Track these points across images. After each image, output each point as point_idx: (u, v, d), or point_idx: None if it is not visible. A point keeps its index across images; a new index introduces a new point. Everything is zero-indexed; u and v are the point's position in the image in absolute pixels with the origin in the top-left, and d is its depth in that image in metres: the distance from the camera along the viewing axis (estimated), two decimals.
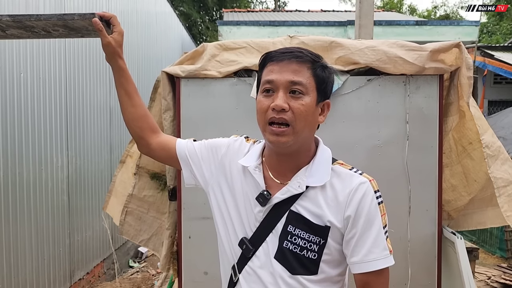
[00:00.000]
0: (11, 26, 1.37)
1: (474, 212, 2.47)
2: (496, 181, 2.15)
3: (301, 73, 1.12)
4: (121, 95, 1.38)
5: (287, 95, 1.11)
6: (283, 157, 1.19)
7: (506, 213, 2.14)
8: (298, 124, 1.11)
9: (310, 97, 1.12)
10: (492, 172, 2.16)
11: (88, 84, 4.49)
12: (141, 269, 5.52)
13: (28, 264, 3.39)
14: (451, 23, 9.18)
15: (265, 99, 1.14)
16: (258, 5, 25.65)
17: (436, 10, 26.45)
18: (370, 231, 1.12)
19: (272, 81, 1.12)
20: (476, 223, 2.48)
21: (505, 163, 2.26)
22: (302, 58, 1.13)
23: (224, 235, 1.28)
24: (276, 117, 1.10)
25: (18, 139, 3.25)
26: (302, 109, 1.10)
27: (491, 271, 5.19)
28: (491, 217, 2.37)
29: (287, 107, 1.10)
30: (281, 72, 1.12)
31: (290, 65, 1.12)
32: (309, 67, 1.13)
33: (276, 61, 1.13)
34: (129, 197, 2.63)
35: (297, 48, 1.17)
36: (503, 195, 2.15)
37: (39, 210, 3.55)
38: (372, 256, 1.12)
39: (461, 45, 2.26)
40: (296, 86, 1.11)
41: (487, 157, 2.18)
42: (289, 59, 1.12)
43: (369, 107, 2.37)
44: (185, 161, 1.37)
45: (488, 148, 2.21)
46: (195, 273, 2.44)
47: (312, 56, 1.15)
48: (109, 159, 5.07)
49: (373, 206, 1.13)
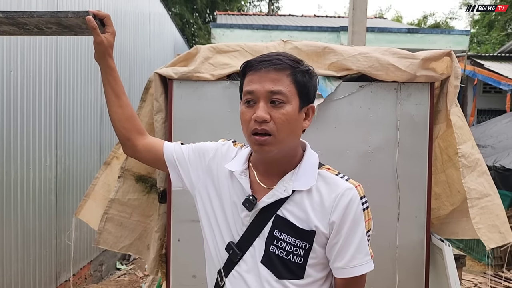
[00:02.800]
0: (3, 23, 1.35)
1: (450, 222, 2.47)
2: (470, 192, 2.15)
3: (280, 81, 1.10)
4: (108, 94, 1.38)
5: (268, 105, 1.11)
6: (268, 164, 1.20)
7: (477, 225, 2.13)
8: (281, 133, 1.11)
9: (291, 105, 1.11)
10: (467, 182, 2.16)
11: (78, 83, 4.45)
12: (129, 271, 5.47)
13: (14, 265, 3.34)
14: (442, 32, 9.31)
15: (247, 110, 1.14)
16: (252, 8, 25.71)
17: (425, 20, 26.80)
18: (353, 237, 1.13)
19: (252, 91, 1.12)
20: (450, 233, 2.47)
21: (481, 176, 2.23)
22: (280, 66, 1.11)
23: (210, 239, 1.28)
24: (258, 128, 1.11)
25: (6, 137, 3.21)
26: (284, 118, 1.10)
27: (478, 278, 5.25)
28: (463, 229, 2.35)
29: (268, 117, 1.10)
30: (261, 82, 1.11)
31: (268, 74, 1.11)
32: (288, 74, 1.12)
33: (255, 70, 1.13)
34: (110, 203, 2.53)
35: (275, 55, 1.15)
36: (475, 207, 2.15)
37: (26, 210, 3.50)
38: (355, 262, 1.13)
39: (452, 54, 2.29)
40: (276, 95, 1.10)
41: (462, 166, 2.17)
42: (267, 67, 1.11)
43: (361, 113, 2.38)
44: (172, 164, 1.36)
45: (465, 158, 2.19)
46: (184, 276, 2.43)
47: (291, 62, 1.13)
48: (99, 159, 5.03)
49: (358, 212, 1.14)
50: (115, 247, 2.60)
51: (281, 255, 1.15)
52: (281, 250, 1.15)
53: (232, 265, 1.21)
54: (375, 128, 2.38)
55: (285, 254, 1.14)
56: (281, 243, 1.15)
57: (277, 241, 1.15)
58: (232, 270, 1.21)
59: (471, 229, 2.22)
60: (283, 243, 1.15)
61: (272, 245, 1.16)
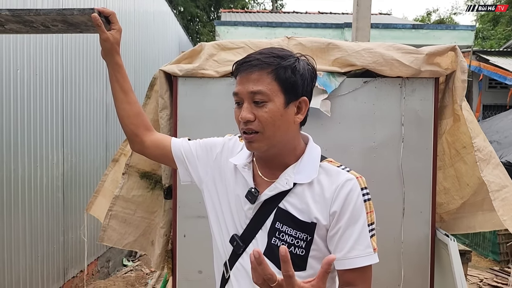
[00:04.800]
0: (10, 21, 1.37)
1: (464, 216, 2.49)
2: (490, 184, 2.16)
3: (260, 81, 1.11)
4: (116, 91, 1.39)
5: (251, 105, 1.13)
6: (269, 157, 1.21)
7: (503, 217, 2.14)
8: (267, 130, 1.13)
9: (274, 103, 1.12)
10: (485, 176, 2.18)
11: (84, 81, 4.48)
12: (135, 267, 5.51)
13: (22, 261, 3.38)
14: (447, 27, 9.24)
15: (237, 110, 1.17)
16: (256, 6, 25.67)
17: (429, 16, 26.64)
18: (354, 228, 1.12)
19: (237, 93, 1.15)
20: (466, 227, 2.49)
21: (496, 168, 2.26)
22: (260, 65, 1.12)
23: (217, 233, 1.30)
24: (244, 128, 1.14)
25: (14, 135, 3.24)
26: (267, 116, 1.12)
27: (483, 274, 5.23)
28: (480, 222, 2.38)
29: (252, 117, 1.12)
30: (243, 83, 1.13)
31: (250, 75, 1.12)
32: (269, 72, 1.11)
33: (239, 72, 1.15)
34: (114, 200, 2.54)
35: (257, 53, 1.15)
36: (497, 199, 2.16)
37: (34, 207, 3.54)
38: (355, 253, 1.12)
39: (456, 49, 2.28)
40: (257, 96, 1.12)
41: (479, 160, 2.19)
42: (248, 69, 1.13)
43: (365, 109, 2.38)
44: (181, 160, 1.38)
45: (480, 152, 2.22)
46: (190, 272, 2.45)
47: (271, 59, 1.12)
48: (105, 157, 5.06)
49: (359, 203, 1.13)
50: (119, 244, 2.63)
51: None
52: (283, 242, 1.16)
53: (236, 257, 1.23)
54: (379, 123, 2.38)
55: (287, 246, 1.15)
56: (283, 235, 1.16)
57: (279, 233, 1.16)
58: (236, 263, 1.23)
59: (488, 221, 2.24)
60: (284, 235, 1.16)
61: (274, 237, 1.17)
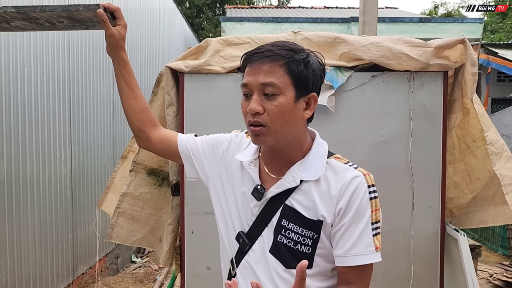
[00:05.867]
0: (16, 18, 1.37)
1: (476, 211, 2.46)
2: (503, 178, 2.14)
3: (272, 73, 1.09)
4: (122, 87, 1.38)
5: (261, 98, 1.10)
6: (274, 154, 1.20)
7: None
8: (275, 124, 1.10)
9: (285, 96, 1.10)
10: (498, 169, 2.15)
11: (91, 78, 4.49)
12: (144, 264, 5.54)
13: (32, 258, 3.41)
14: (454, 21, 9.14)
15: (244, 102, 1.14)
16: (261, 1, 25.59)
17: (436, 9, 26.39)
18: (357, 225, 1.11)
19: (247, 84, 1.12)
20: (478, 222, 2.47)
21: (508, 161, 2.25)
22: (273, 57, 1.10)
23: (224, 230, 1.29)
24: (252, 120, 1.11)
25: (22, 133, 3.26)
26: (276, 110, 1.09)
27: (493, 269, 5.20)
28: (492, 216, 2.36)
29: (261, 109, 1.10)
30: (254, 75, 1.11)
31: (262, 66, 1.10)
32: (281, 65, 1.09)
33: (250, 63, 1.13)
34: (122, 197, 2.54)
35: (270, 45, 1.13)
36: (510, 193, 2.14)
37: (43, 204, 3.56)
38: (356, 251, 1.10)
39: (466, 41, 2.25)
40: (268, 88, 1.09)
41: (492, 154, 2.17)
42: (260, 59, 1.10)
43: (373, 103, 2.36)
44: (187, 156, 1.37)
45: (492, 145, 2.20)
46: (198, 268, 2.45)
47: (285, 52, 1.11)
48: (112, 154, 5.08)
49: (364, 200, 1.11)
50: (127, 241, 2.63)
51: (289, 244, 1.15)
52: (289, 240, 1.15)
53: (242, 254, 1.22)
54: (387, 118, 2.36)
55: (293, 244, 1.14)
56: (289, 233, 1.15)
57: (285, 230, 1.15)
58: (242, 260, 1.22)
59: (501, 215, 2.22)
60: (291, 232, 1.15)
61: (280, 234, 1.16)
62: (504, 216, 2.21)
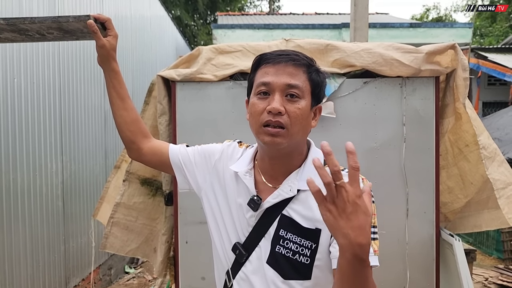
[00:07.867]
0: (5, 30, 1.35)
1: (470, 215, 2.47)
2: (495, 182, 2.15)
3: (297, 76, 1.10)
4: (113, 98, 1.37)
5: (283, 98, 1.09)
6: (275, 160, 1.17)
7: (508, 215, 2.13)
8: (293, 128, 1.09)
9: (305, 101, 1.11)
10: (490, 173, 2.16)
11: (82, 88, 4.46)
12: (137, 274, 5.48)
13: (23, 271, 3.35)
14: (445, 25, 9.24)
15: (260, 101, 1.11)
16: (253, 8, 25.71)
17: (428, 13, 26.68)
18: None
19: (268, 83, 1.10)
20: (472, 226, 2.47)
21: (501, 165, 2.26)
22: (299, 62, 1.11)
23: (218, 241, 1.26)
24: (272, 120, 1.08)
25: (12, 144, 3.21)
26: (298, 113, 1.09)
27: (488, 273, 5.21)
28: (486, 220, 2.37)
29: (284, 110, 1.08)
30: (277, 75, 1.10)
31: (286, 68, 1.10)
32: (304, 71, 1.11)
33: (272, 63, 1.11)
34: (116, 207, 2.53)
35: (292, 51, 1.15)
36: (502, 197, 2.15)
37: (34, 216, 3.51)
38: None
39: (456, 47, 2.27)
40: (293, 89, 1.09)
41: (484, 158, 2.17)
42: (285, 61, 1.10)
43: (366, 109, 2.36)
44: (178, 167, 1.35)
45: (485, 149, 2.21)
46: (192, 279, 2.42)
47: (307, 59, 1.14)
48: (104, 164, 5.04)
49: None
50: (122, 251, 2.61)
51: (288, 255, 1.13)
52: (287, 250, 1.13)
53: (239, 266, 1.19)
54: (380, 124, 2.36)
55: (291, 254, 1.12)
56: (287, 243, 1.13)
57: (283, 241, 1.13)
58: (239, 271, 1.20)
59: (494, 219, 2.23)
60: (289, 242, 1.13)
61: (278, 245, 1.14)
62: (498, 220, 2.22)
